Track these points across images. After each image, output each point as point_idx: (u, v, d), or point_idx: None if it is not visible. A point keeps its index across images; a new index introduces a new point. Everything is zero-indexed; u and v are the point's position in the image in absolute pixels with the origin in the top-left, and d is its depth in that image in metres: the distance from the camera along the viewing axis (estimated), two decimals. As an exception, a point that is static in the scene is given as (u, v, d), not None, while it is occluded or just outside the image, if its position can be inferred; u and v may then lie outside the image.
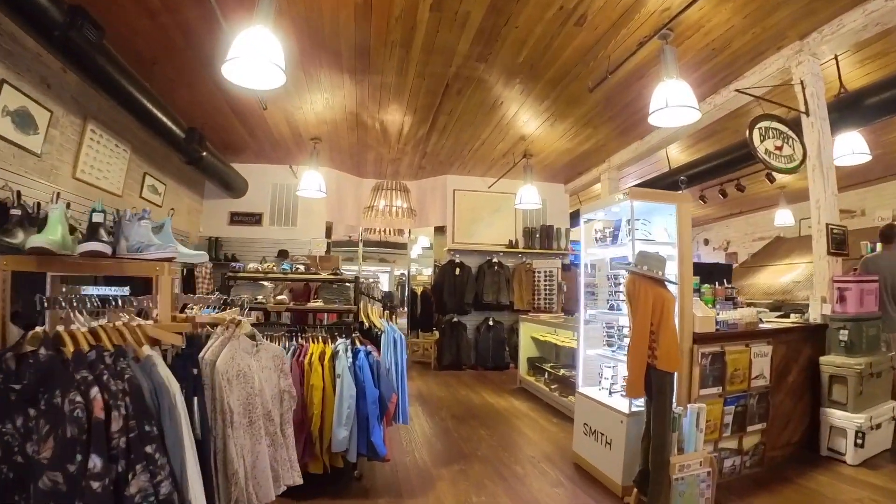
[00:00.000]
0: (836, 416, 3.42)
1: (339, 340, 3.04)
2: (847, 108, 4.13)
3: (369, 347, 3.07)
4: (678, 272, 3.07)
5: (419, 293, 8.86)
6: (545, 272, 6.88)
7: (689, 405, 2.79)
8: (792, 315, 4.19)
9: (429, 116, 5.67)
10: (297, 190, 6.54)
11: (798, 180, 8.47)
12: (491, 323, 7.54)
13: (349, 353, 2.97)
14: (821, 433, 3.53)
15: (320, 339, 3.14)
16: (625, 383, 2.72)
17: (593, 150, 6.74)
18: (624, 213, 3.29)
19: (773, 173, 5.78)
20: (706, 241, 13.50)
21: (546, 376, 5.57)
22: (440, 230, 8.44)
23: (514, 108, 5.40)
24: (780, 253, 7.91)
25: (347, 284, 3.48)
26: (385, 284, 18.68)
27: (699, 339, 3.10)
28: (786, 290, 6.61)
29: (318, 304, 3.32)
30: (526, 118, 5.67)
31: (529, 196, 6.69)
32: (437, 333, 8.08)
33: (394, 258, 16.63)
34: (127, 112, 4.30)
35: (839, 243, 3.77)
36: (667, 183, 6.98)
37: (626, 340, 3.01)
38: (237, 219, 7.97)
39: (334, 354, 2.96)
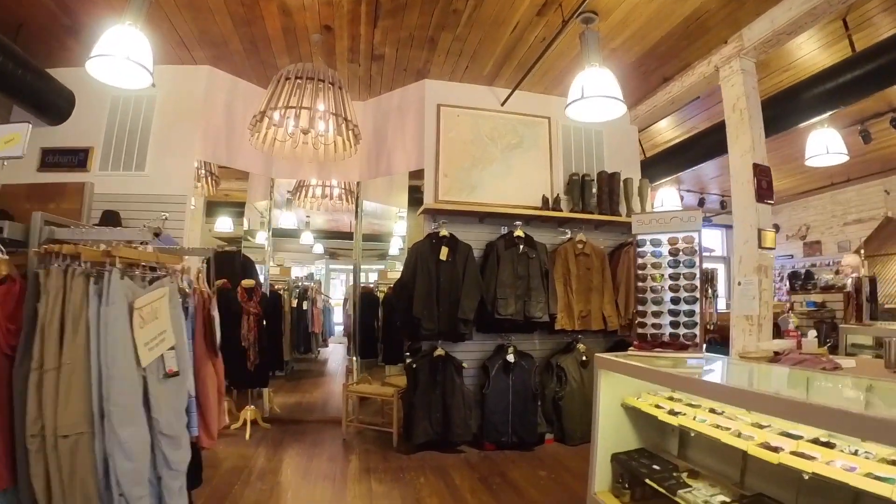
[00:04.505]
0: None
1: None
2: None
3: None
4: None
5: (381, 299, 5.19)
6: (680, 244, 2.90)
7: None
8: None
9: None
10: (87, 58, 2.82)
11: None
12: (511, 358, 3.79)
13: None
14: None
15: None
16: None
17: (712, 11, 3.09)
18: None
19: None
20: (776, 228, 10.12)
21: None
22: (415, 185, 4.72)
23: None
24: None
25: None
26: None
27: None
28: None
29: None
30: None
31: (598, 85, 3.00)
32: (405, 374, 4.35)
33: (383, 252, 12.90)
34: None
35: None
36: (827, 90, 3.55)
37: None
38: (51, 160, 4.21)
39: None
